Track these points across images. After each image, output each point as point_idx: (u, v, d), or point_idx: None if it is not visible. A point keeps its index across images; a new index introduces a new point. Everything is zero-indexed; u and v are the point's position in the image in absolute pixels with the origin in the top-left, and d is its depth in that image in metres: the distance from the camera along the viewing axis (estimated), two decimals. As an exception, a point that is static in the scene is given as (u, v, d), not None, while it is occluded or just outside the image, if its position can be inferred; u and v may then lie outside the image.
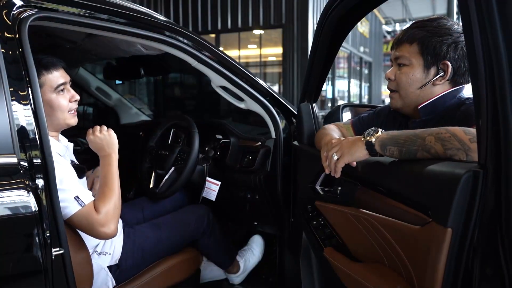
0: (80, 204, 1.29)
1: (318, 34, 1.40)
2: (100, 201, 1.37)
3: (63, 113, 1.41)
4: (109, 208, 1.36)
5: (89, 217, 1.31)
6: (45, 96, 1.35)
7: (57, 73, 1.39)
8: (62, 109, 1.40)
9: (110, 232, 1.35)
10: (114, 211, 1.38)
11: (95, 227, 1.32)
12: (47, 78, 1.36)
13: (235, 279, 2.10)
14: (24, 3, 1.15)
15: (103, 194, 1.40)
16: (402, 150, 0.96)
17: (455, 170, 0.79)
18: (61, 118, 1.41)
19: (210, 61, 1.71)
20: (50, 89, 1.37)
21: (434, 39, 1.20)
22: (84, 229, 1.33)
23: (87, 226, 1.31)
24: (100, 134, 1.51)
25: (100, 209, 1.34)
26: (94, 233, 1.33)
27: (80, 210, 1.29)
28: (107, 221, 1.34)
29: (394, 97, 1.32)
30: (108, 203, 1.37)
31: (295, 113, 1.89)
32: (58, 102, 1.39)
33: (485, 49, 0.72)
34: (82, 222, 1.30)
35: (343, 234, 1.25)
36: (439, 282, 0.81)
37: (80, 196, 1.30)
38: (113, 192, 1.42)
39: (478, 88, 0.75)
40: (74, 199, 1.28)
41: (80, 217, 1.29)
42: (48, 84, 1.36)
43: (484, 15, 0.71)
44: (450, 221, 0.78)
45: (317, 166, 1.37)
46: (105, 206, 1.36)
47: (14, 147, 1.02)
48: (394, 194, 1.00)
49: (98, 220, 1.32)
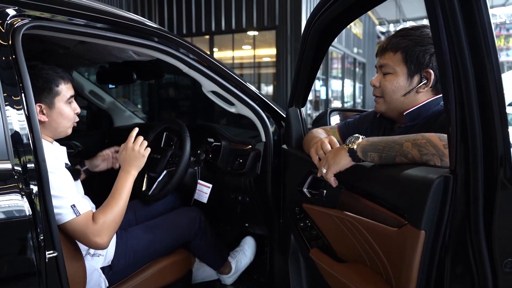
0: (75, 213, 1.31)
1: (305, 40, 1.43)
2: (101, 211, 1.41)
3: (69, 122, 1.50)
4: (106, 220, 1.39)
5: (83, 227, 1.33)
6: (59, 103, 1.45)
7: (69, 85, 1.49)
8: (69, 118, 1.50)
9: (102, 243, 1.37)
10: (111, 224, 1.40)
11: (88, 236, 1.34)
12: (63, 88, 1.46)
13: (227, 280, 2.14)
14: (18, 12, 1.18)
15: (108, 205, 1.45)
16: (382, 156, 1.00)
17: (428, 175, 0.84)
18: (66, 127, 1.50)
19: (200, 66, 1.74)
20: (64, 99, 1.46)
21: (417, 48, 1.23)
22: (77, 237, 1.36)
23: (79, 234, 1.34)
24: (136, 150, 1.59)
25: (98, 219, 1.37)
26: (86, 241, 1.36)
27: (75, 219, 1.31)
28: (101, 231, 1.36)
29: (379, 101, 1.36)
30: (108, 214, 1.41)
31: (284, 117, 1.93)
32: (67, 112, 1.48)
33: (452, 58, 0.77)
34: (75, 230, 1.33)
35: (329, 235, 1.29)
36: (414, 281, 0.85)
37: (77, 205, 1.32)
38: (118, 206, 1.45)
39: (447, 96, 0.79)
40: (70, 207, 1.30)
41: (74, 225, 1.32)
42: (64, 93, 1.46)
43: (450, 25, 0.76)
44: (423, 223, 0.82)
45: (305, 169, 1.41)
46: (104, 217, 1.39)
47: (8, 153, 1.05)
48: (375, 197, 1.05)
49: (93, 230, 1.35)
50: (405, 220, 0.89)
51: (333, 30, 1.40)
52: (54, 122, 1.46)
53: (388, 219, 0.97)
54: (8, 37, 1.13)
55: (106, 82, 2.49)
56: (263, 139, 1.90)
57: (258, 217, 2.03)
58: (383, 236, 0.98)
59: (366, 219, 1.05)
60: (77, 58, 2.15)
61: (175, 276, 1.84)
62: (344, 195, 1.18)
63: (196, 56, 1.73)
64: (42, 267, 1.09)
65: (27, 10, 1.21)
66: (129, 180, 1.55)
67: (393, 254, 0.94)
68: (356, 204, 1.11)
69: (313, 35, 1.39)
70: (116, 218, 1.43)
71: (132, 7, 9.35)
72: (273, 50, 8.69)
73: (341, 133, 1.56)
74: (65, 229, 1.32)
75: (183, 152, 1.94)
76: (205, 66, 1.76)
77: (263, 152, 1.90)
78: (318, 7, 1.31)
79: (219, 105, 1.94)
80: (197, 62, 1.73)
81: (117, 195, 1.48)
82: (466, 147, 0.77)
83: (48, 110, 1.43)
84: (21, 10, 1.19)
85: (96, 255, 1.58)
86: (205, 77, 1.77)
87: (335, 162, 1.13)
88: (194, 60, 1.72)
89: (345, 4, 1.20)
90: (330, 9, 1.26)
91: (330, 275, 1.19)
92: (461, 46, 0.74)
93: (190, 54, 1.71)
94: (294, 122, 1.65)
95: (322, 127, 1.61)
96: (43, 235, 1.08)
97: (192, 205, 2.09)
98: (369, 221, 1.03)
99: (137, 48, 1.59)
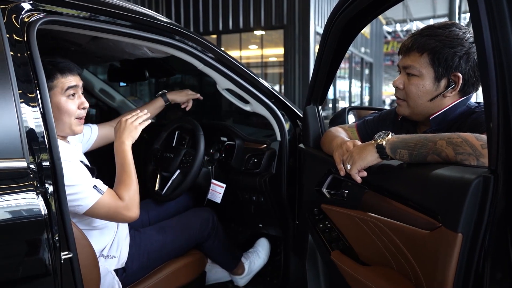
0: (99, 192, 1.34)
1: (325, 37, 1.40)
2: (120, 188, 1.45)
3: (70, 118, 1.41)
4: (130, 194, 1.44)
5: (113, 203, 1.38)
6: (54, 98, 1.37)
7: (72, 77, 1.41)
8: (70, 113, 1.41)
9: (134, 216, 1.44)
10: (135, 196, 1.46)
11: (121, 212, 1.40)
12: (59, 81, 1.38)
13: (240, 281, 2.11)
14: (33, 7, 1.15)
15: (122, 180, 1.48)
16: (412, 153, 0.96)
17: (465, 175, 0.79)
18: (67, 123, 1.42)
19: (216, 63, 1.71)
20: (60, 91, 1.38)
21: (446, 50, 1.16)
22: (110, 215, 1.39)
23: (112, 212, 1.38)
24: (129, 122, 1.59)
25: (123, 196, 1.42)
26: (119, 217, 1.42)
27: (101, 198, 1.34)
28: (131, 205, 1.43)
29: (402, 105, 1.30)
30: (130, 189, 1.45)
31: (299, 115, 1.90)
32: (66, 106, 1.40)
33: (495, 51, 0.72)
34: (105, 209, 1.36)
35: (350, 237, 1.25)
36: (450, 286, 0.81)
37: (98, 185, 1.36)
38: (131, 177, 1.49)
39: (489, 91, 0.75)
40: (93, 188, 1.33)
41: (103, 204, 1.35)
42: (59, 86, 1.38)
43: (494, 16, 0.71)
44: (460, 226, 0.78)
45: (323, 168, 1.38)
46: (128, 191, 1.44)
47: (23, 151, 1.02)
48: (402, 198, 1.01)
49: (123, 205, 1.40)
50: (438, 223, 0.85)
51: (355, 28, 1.37)
52: (54, 118, 1.36)
53: (417, 221, 0.93)
54: (23, 32, 1.10)
55: (117, 79, 2.46)
56: (278, 138, 1.87)
57: (272, 218, 2.00)
58: (412, 238, 0.94)
59: (393, 220, 1.01)
60: (89, 55, 2.12)
61: (189, 277, 1.81)
62: (368, 196, 1.15)
63: (212, 53, 1.70)
64: (57, 268, 1.06)
65: (42, 4, 1.18)
66: (126, 149, 1.54)
67: (424, 257, 0.90)
68: (381, 204, 1.07)
69: (334, 33, 1.36)
70: (135, 188, 1.48)
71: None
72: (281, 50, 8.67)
73: (359, 131, 1.51)
74: (94, 211, 1.35)
75: (197, 151, 1.91)
76: (220, 63, 1.73)
77: (278, 151, 1.87)
78: (340, 3, 1.28)
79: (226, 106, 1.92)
80: (213, 59, 1.71)
81: (126, 167, 1.50)
82: (508, 144, 0.72)
83: None
84: (36, 4, 1.16)
85: (109, 257, 1.55)
86: (220, 74, 1.74)
87: (361, 158, 1.09)
88: (210, 57, 1.69)
89: (366, 1, 1.17)
90: (352, 5, 1.23)
91: (354, 279, 1.15)
92: (506, 33, 0.70)
93: (206, 51, 1.68)
94: (312, 120, 1.61)
95: (340, 126, 1.57)
96: (58, 235, 1.06)
97: (205, 205, 2.06)
98: (396, 222, 0.99)
99: (153, 44, 1.56)
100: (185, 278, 1.80)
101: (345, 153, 1.18)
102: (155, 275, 1.68)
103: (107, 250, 1.56)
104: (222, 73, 1.74)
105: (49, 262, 1.04)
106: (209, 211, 1.95)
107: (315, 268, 1.53)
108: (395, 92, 1.32)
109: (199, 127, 1.97)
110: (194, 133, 1.97)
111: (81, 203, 1.31)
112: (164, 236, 1.73)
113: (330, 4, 9.49)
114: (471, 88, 1.21)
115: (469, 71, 1.18)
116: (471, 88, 1.21)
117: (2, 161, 0.99)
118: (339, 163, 1.19)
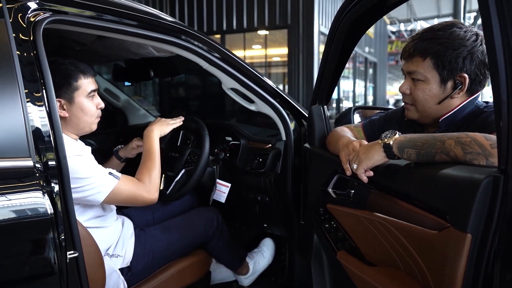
0: (116, 177, 1.42)
1: (331, 37, 1.40)
2: (143, 171, 1.56)
3: (91, 118, 1.49)
4: (151, 177, 1.55)
5: (132, 187, 1.47)
6: (78, 98, 1.43)
7: (91, 79, 1.47)
8: (91, 113, 1.48)
9: (154, 198, 1.54)
10: (156, 180, 1.56)
11: (142, 195, 1.49)
12: (83, 82, 1.44)
13: (244, 281, 2.10)
14: (39, 6, 1.15)
15: (146, 165, 1.59)
16: (420, 153, 0.96)
17: (474, 175, 0.79)
18: (88, 122, 1.49)
19: (221, 63, 1.71)
20: (84, 93, 1.44)
21: (449, 53, 1.15)
22: (129, 199, 1.47)
23: (131, 195, 1.46)
24: (164, 120, 1.80)
25: (144, 179, 1.53)
26: (140, 200, 1.50)
27: (119, 183, 1.42)
28: (151, 188, 1.53)
29: (411, 109, 1.29)
30: (151, 173, 1.56)
31: (305, 115, 1.89)
32: (89, 106, 1.46)
33: (506, 50, 0.71)
34: (125, 193, 1.44)
35: (356, 237, 1.24)
36: (459, 287, 0.80)
37: (113, 172, 1.43)
38: (154, 163, 1.60)
39: (499, 89, 0.74)
40: (109, 175, 1.41)
41: (122, 189, 1.42)
42: (84, 88, 1.44)
43: (505, 14, 0.70)
44: (469, 226, 0.77)
45: (329, 168, 1.37)
46: (149, 176, 1.54)
47: (29, 150, 1.02)
48: (409, 198, 1.00)
49: (144, 188, 1.51)
50: (447, 223, 0.84)
51: (361, 28, 1.37)
52: (75, 117, 1.44)
53: (425, 221, 0.92)
54: (29, 31, 1.10)
55: (122, 79, 2.46)
56: (283, 137, 1.87)
57: (277, 218, 2.00)
58: (420, 238, 0.93)
59: (400, 220, 1.00)
60: (93, 55, 2.12)
61: (194, 277, 1.81)
62: (374, 196, 1.14)
63: (218, 52, 1.70)
64: (63, 267, 1.06)
65: (48, 4, 1.18)
66: (153, 137, 1.68)
67: (432, 258, 0.89)
68: (388, 204, 1.07)
69: (340, 33, 1.35)
70: (157, 173, 1.58)
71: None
72: (285, 50, 8.66)
73: (365, 131, 1.50)
74: (117, 196, 1.42)
75: (202, 150, 1.90)
76: (226, 62, 1.72)
77: (283, 151, 1.86)
78: (346, 4, 1.27)
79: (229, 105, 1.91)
80: (218, 58, 1.70)
81: (151, 153, 1.63)
82: None
83: (68, 105, 1.41)
84: (42, 4, 1.16)
85: (114, 256, 1.55)
86: (226, 74, 1.74)
87: (367, 157, 1.08)
88: (215, 56, 1.69)
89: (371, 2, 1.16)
90: (358, 4, 1.22)
91: (360, 279, 1.15)
92: None
93: (211, 50, 1.67)
94: (317, 120, 1.61)
95: (346, 125, 1.56)
96: (64, 235, 1.06)
97: (210, 205, 2.06)
98: (403, 222, 0.99)
99: (159, 44, 1.56)
100: (190, 278, 1.79)
101: (351, 152, 1.17)
102: (160, 274, 1.68)
103: (112, 249, 1.56)
104: (227, 73, 1.73)
105: (55, 261, 1.04)
106: (214, 211, 1.94)
107: (321, 268, 1.52)
108: (403, 97, 1.31)
109: (204, 127, 1.96)
110: (199, 132, 1.97)
111: (101, 189, 1.37)
112: (169, 235, 1.72)
113: (334, 4, 9.48)
114: (479, 86, 1.20)
115: (474, 70, 1.17)
116: (478, 86, 1.20)
117: (8, 160, 0.99)
118: (345, 163, 1.18)
